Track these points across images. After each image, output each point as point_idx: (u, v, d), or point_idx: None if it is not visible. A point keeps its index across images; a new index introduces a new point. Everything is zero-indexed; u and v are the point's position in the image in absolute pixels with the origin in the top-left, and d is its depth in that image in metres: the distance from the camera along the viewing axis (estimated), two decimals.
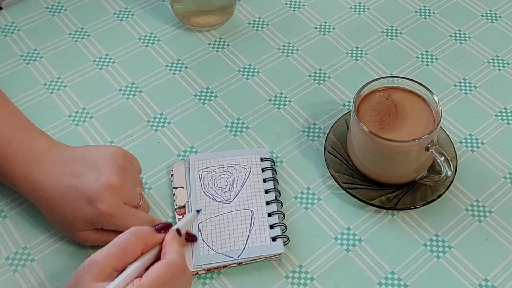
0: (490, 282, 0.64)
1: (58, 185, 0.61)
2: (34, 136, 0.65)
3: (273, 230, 0.65)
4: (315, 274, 0.64)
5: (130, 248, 0.52)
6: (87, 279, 0.50)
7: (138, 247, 0.53)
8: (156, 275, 0.51)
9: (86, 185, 0.60)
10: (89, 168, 0.61)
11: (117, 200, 0.60)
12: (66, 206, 0.61)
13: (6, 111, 0.67)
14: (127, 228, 0.57)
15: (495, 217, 0.69)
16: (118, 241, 0.53)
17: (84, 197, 0.60)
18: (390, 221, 0.69)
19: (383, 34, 0.87)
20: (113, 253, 0.52)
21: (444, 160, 0.65)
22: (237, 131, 0.76)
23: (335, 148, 0.73)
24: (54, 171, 0.62)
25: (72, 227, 0.62)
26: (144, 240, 0.53)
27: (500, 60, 0.84)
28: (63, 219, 0.62)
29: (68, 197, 0.60)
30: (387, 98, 0.69)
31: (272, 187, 0.69)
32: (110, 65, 0.82)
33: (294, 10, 0.90)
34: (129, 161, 0.65)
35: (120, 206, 0.60)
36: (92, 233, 0.62)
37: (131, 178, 0.63)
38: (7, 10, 0.89)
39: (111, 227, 0.61)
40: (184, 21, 0.87)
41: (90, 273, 0.51)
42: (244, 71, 0.82)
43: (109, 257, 0.51)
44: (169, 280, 0.51)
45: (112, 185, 0.60)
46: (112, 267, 0.51)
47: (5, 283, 0.63)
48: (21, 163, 0.63)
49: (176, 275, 0.52)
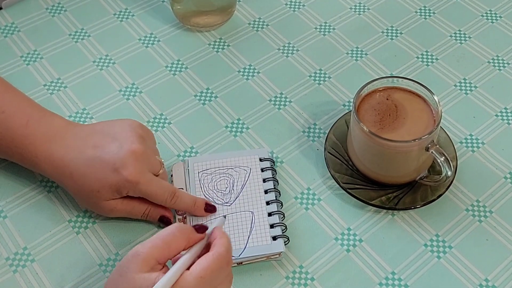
0: (491, 282, 0.64)
1: (81, 157, 0.62)
2: (50, 116, 0.67)
3: (273, 229, 0.65)
4: (316, 274, 0.64)
5: (174, 242, 0.53)
6: (132, 270, 0.51)
7: (182, 242, 0.54)
8: (206, 265, 0.52)
9: (110, 154, 0.61)
10: (109, 139, 0.63)
11: (141, 166, 0.62)
12: (91, 176, 0.62)
13: (20, 97, 0.68)
14: (151, 195, 0.62)
15: (496, 217, 0.69)
16: (163, 234, 0.54)
17: (109, 166, 0.61)
18: (391, 221, 0.68)
19: (383, 34, 0.87)
20: (158, 246, 0.53)
21: (444, 160, 0.65)
22: (237, 131, 0.76)
23: (335, 148, 0.73)
24: (75, 145, 0.63)
25: (98, 197, 0.62)
26: (187, 236, 0.54)
27: (500, 60, 0.84)
28: (88, 191, 0.62)
29: (93, 167, 0.62)
30: (387, 98, 0.69)
31: (272, 187, 0.69)
32: (110, 65, 0.82)
33: (294, 10, 0.90)
34: (146, 132, 0.66)
35: (145, 172, 0.62)
36: (117, 202, 0.63)
37: (151, 147, 0.66)
38: (7, 10, 0.89)
39: (137, 194, 0.63)
40: (184, 22, 0.87)
41: (134, 264, 0.51)
42: (244, 71, 0.82)
43: (153, 249, 0.52)
44: (216, 271, 0.53)
45: (136, 151, 0.62)
46: (156, 259, 0.52)
47: (5, 283, 0.63)
48: (41, 141, 0.64)
49: (222, 267, 0.53)
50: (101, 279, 0.63)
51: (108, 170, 0.61)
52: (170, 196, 0.63)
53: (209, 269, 0.52)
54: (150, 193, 0.63)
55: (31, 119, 0.65)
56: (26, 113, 0.65)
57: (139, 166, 0.61)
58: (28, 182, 0.70)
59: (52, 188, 0.70)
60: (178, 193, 0.64)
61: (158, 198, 0.63)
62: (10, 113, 0.65)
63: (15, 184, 0.70)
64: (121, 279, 0.52)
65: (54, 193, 0.69)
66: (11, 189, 0.70)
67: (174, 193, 0.64)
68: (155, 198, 0.63)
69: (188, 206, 0.65)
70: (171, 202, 0.64)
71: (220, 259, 0.53)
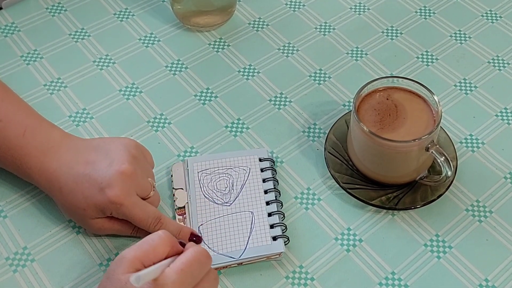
0: (491, 282, 0.64)
1: (71, 173, 0.62)
2: (47, 127, 0.66)
3: (273, 230, 0.65)
4: (316, 274, 0.64)
5: (159, 247, 0.55)
6: (118, 271, 0.53)
7: (166, 248, 0.55)
8: (184, 259, 0.54)
9: (98, 172, 0.61)
10: (102, 156, 0.62)
11: (128, 188, 0.61)
12: (78, 193, 0.61)
13: (18, 104, 0.67)
14: (134, 219, 0.61)
15: (496, 217, 0.69)
16: (149, 239, 0.55)
17: (96, 184, 0.61)
18: (390, 221, 0.68)
19: (383, 34, 0.87)
20: (143, 249, 0.54)
21: (444, 160, 0.65)
22: (237, 131, 0.76)
23: (335, 148, 0.73)
24: (68, 160, 0.63)
25: (84, 215, 0.62)
26: (172, 244, 0.56)
27: (500, 60, 0.84)
28: (75, 208, 0.62)
29: (81, 184, 0.61)
30: (387, 98, 0.69)
31: (272, 187, 0.69)
32: (110, 65, 0.82)
33: (294, 10, 0.90)
34: (142, 153, 0.66)
35: (131, 195, 0.61)
36: (105, 221, 0.63)
37: (143, 168, 0.64)
38: (7, 10, 0.89)
39: (120, 216, 0.62)
40: (184, 22, 0.87)
41: (121, 267, 0.53)
42: (244, 71, 0.82)
43: (139, 251, 0.54)
44: (196, 264, 0.55)
45: (124, 172, 0.61)
46: (141, 262, 0.54)
47: (5, 283, 0.63)
48: (35, 153, 0.63)
49: (201, 260, 0.55)
50: (101, 279, 0.63)
51: (94, 189, 0.61)
52: (154, 222, 0.62)
53: (188, 263, 0.54)
54: (133, 216, 0.61)
55: (28, 129, 0.65)
56: (23, 123, 0.65)
57: (125, 188, 0.61)
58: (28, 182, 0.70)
59: None
60: (164, 220, 0.63)
61: (141, 223, 0.62)
62: (7, 122, 0.64)
63: (15, 184, 0.70)
64: (108, 281, 0.53)
65: None
66: (11, 189, 0.70)
67: (158, 219, 0.62)
68: (138, 222, 0.62)
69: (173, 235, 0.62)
70: (154, 228, 0.62)
71: (198, 253, 0.55)
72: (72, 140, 0.65)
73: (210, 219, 0.66)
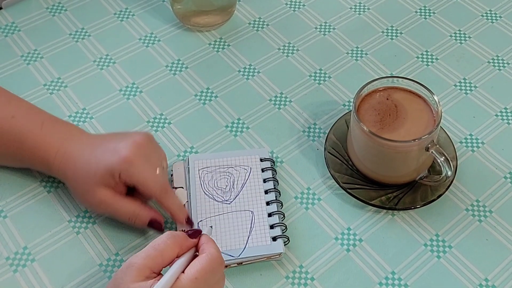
0: (491, 282, 0.64)
1: (89, 148, 0.64)
2: (62, 121, 0.69)
3: (273, 230, 0.65)
4: (316, 274, 0.64)
5: (167, 250, 0.55)
6: (127, 280, 0.52)
7: (174, 250, 0.55)
8: (199, 266, 0.54)
9: (113, 143, 0.63)
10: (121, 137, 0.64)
11: (140, 152, 0.62)
12: (92, 159, 0.63)
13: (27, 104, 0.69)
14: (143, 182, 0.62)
15: (495, 217, 0.69)
16: (155, 244, 0.55)
17: (110, 148, 0.63)
18: (390, 221, 0.69)
19: (383, 34, 0.87)
20: (151, 255, 0.54)
21: (444, 160, 0.65)
22: (238, 131, 0.76)
23: (335, 148, 0.73)
24: (89, 143, 0.65)
25: (93, 182, 0.62)
26: (179, 244, 0.56)
27: (500, 60, 0.84)
28: (86, 174, 0.63)
29: (95, 152, 0.63)
30: (387, 98, 0.69)
31: (272, 187, 0.69)
32: (110, 65, 0.82)
33: (294, 10, 0.90)
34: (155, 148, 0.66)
35: (142, 159, 0.62)
36: (108, 193, 0.63)
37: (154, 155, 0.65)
38: (7, 10, 0.89)
39: (129, 179, 0.62)
40: (184, 21, 0.87)
41: (129, 275, 0.53)
42: (244, 71, 0.82)
43: (147, 259, 0.53)
44: (210, 272, 0.54)
45: (140, 142, 0.63)
46: (150, 269, 0.53)
47: (5, 283, 0.63)
48: (56, 138, 0.65)
49: (216, 268, 0.55)
50: (101, 279, 0.63)
51: (108, 152, 0.62)
52: (162, 192, 0.63)
53: (203, 270, 0.54)
54: (142, 179, 0.62)
55: (46, 122, 0.66)
56: (39, 116, 0.67)
57: (137, 152, 0.62)
58: (28, 182, 0.70)
59: (52, 188, 0.70)
60: (169, 193, 0.64)
61: (149, 188, 0.62)
62: (20, 117, 0.66)
63: (15, 184, 0.70)
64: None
65: (54, 193, 0.69)
66: (11, 189, 0.70)
67: (165, 190, 0.63)
68: (146, 187, 0.62)
69: (175, 207, 0.64)
70: (160, 196, 0.63)
71: (213, 260, 0.55)
72: (90, 134, 0.68)
73: (210, 216, 0.66)
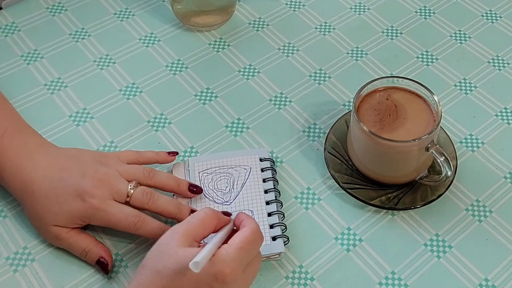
0: (491, 282, 0.64)
1: (46, 176, 0.63)
2: (27, 131, 0.68)
3: (273, 229, 0.65)
4: (316, 274, 0.64)
5: (207, 221, 0.57)
6: (173, 245, 0.54)
7: (213, 221, 0.58)
8: (243, 237, 0.56)
9: (73, 180, 0.62)
10: (76, 165, 0.64)
11: (103, 193, 0.62)
12: (52, 198, 0.62)
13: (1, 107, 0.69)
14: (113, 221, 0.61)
15: (495, 217, 0.69)
16: (197, 214, 0.58)
17: (71, 192, 0.61)
18: (390, 221, 0.69)
19: (383, 34, 0.87)
20: (194, 224, 0.56)
21: (444, 160, 0.65)
22: (238, 131, 0.76)
23: (335, 148, 0.73)
24: (43, 165, 0.64)
25: (51, 220, 0.62)
26: (218, 216, 0.58)
27: (500, 60, 0.84)
28: (46, 211, 0.62)
29: (55, 189, 0.62)
30: (387, 98, 0.69)
31: (272, 187, 0.69)
32: (110, 65, 0.82)
33: (294, 10, 0.90)
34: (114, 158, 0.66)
35: (107, 200, 0.62)
36: (63, 230, 0.63)
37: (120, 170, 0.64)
38: (7, 10, 0.89)
39: (99, 222, 0.62)
40: (184, 21, 0.87)
41: (174, 240, 0.55)
42: (244, 71, 0.82)
43: (191, 226, 0.56)
44: (253, 243, 0.56)
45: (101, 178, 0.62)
46: (193, 236, 0.56)
47: (5, 283, 0.63)
48: (12, 155, 0.64)
49: (257, 240, 0.57)
50: (101, 279, 0.63)
51: (70, 196, 0.61)
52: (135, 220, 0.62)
53: (246, 241, 0.55)
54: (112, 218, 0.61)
55: (7, 131, 0.66)
56: (3, 125, 0.66)
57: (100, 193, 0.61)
58: None
59: None
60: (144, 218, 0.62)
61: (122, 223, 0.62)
62: None
63: None
64: (162, 255, 0.54)
65: None
66: None
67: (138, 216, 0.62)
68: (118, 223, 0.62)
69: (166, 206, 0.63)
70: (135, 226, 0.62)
71: (255, 232, 0.57)
72: (49, 147, 0.66)
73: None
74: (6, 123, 0.67)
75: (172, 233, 0.56)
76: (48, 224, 0.63)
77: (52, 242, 0.64)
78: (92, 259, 0.63)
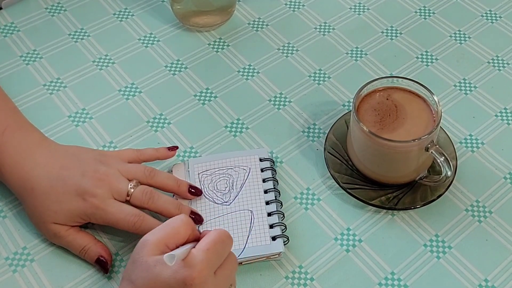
0: (490, 283, 0.64)
1: (46, 175, 0.63)
2: (28, 129, 0.68)
3: (273, 229, 0.65)
4: (315, 274, 0.64)
5: (182, 230, 0.56)
6: (144, 254, 0.54)
7: (188, 231, 0.57)
8: (208, 239, 0.55)
9: (73, 180, 0.62)
10: (76, 164, 0.64)
11: (104, 192, 0.62)
12: (52, 195, 0.62)
13: (2, 103, 0.69)
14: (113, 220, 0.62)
15: (495, 217, 0.69)
16: (171, 222, 0.57)
17: (72, 190, 0.62)
18: (390, 221, 0.68)
19: (383, 34, 0.87)
20: (167, 231, 0.56)
21: (444, 160, 0.65)
22: (237, 131, 0.76)
23: (335, 148, 0.73)
24: (43, 163, 0.64)
25: (50, 218, 0.62)
26: (192, 227, 0.58)
27: (500, 60, 0.84)
28: (46, 209, 0.62)
29: (55, 187, 0.62)
30: (387, 98, 0.69)
31: (272, 187, 0.69)
32: (109, 65, 0.82)
33: (294, 11, 0.90)
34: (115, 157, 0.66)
35: (107, 199, 0.62)
36: (62, 228, 0.63)
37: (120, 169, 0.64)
38: (7, 10, 0.89)
39: (99, 221, 0.62)
40: (184, 21, 0.87)
41: (145, 249, 0.54)
42: (244, 71, 0.82)
43: (163, 234, 0.55)
44: (220, 243, 0.56)
45: (100, 177, 0.62)
46: (165, 244, 0.55)
47: (5, 283, 0.63)
48: (12, 153, 0.64)
49: (225, 240, 0.56)
50: (101, 279, 0.63)
51: (70, 195, 0.62)
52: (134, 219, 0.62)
53: (213, 242, 0.55)
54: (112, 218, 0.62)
55: (8, 128, 0.66)
56: (4, 122, 0.66)
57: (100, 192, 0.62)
58: None
59: None
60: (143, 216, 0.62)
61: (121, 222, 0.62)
62: None
63: None
64: (134, 265, 0.54)
65: None
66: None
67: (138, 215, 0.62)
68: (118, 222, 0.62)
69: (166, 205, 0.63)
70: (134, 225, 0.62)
71: (221, 233, 0.56)
72: (50, 145, 0.66)
73: (210, 219, 0.66)
74: (8, 120, 0.67)
75: (144, 242, 0.55)
76: (47, 222, 0.63)
77: (51, 239, 0.64)
78: (91, 258, 0.63)
